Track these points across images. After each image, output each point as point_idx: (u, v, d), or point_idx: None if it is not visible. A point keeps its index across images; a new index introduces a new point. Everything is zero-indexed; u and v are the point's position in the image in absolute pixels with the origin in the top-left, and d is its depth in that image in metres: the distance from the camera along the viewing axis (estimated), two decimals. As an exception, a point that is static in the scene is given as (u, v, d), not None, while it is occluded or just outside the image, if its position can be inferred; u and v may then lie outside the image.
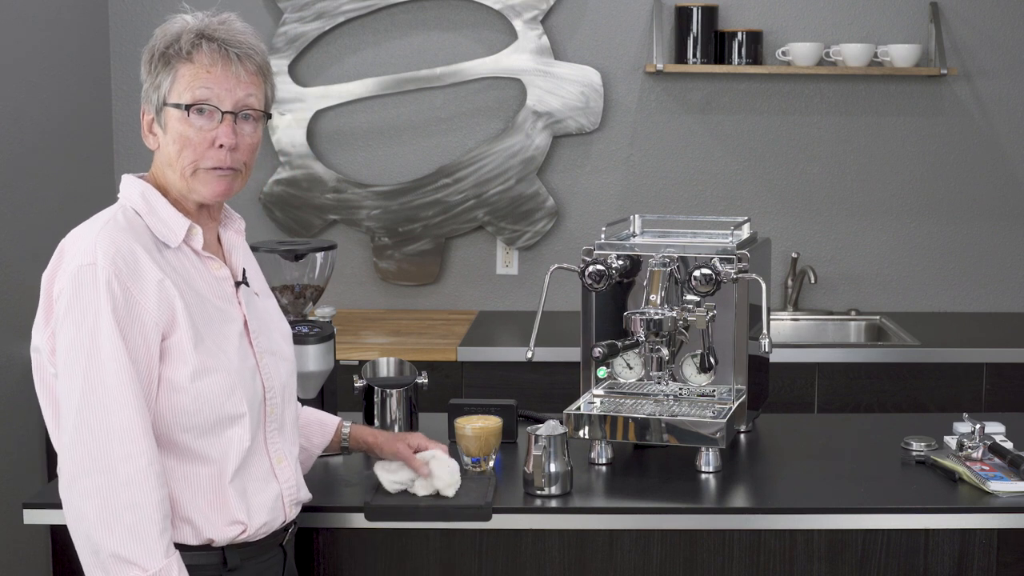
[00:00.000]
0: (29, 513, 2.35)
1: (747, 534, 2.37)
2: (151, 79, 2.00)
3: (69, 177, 4.02)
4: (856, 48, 4.17)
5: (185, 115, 1.97)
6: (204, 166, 1.99)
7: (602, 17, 4.33)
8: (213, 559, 2.00)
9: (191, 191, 2.01)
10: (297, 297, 2.80)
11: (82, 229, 1.98)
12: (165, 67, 1.98)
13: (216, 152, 1.99)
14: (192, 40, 1.97)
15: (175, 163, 1.99)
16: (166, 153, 2.00)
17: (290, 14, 4.29)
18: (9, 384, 3.65)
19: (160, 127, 2.00)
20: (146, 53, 2.01)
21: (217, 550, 2.01)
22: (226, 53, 1.98)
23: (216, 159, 1.99)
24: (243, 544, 2.03)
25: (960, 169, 4.38)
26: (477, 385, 3.79)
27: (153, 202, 2.00)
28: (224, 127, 1.98)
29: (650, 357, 2.57)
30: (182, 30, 1.99)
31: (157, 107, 2.00)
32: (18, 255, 3.69)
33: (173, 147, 1.99)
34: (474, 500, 2.31)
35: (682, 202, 4.39)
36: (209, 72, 1.97)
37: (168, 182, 2.02)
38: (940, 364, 3.79)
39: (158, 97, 1.99)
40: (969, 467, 2.46)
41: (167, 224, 2.00)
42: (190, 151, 1.98)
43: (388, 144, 4.41)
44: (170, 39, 1.99)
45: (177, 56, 1.98)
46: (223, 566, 2.01)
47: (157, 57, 1.99)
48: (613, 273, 2.66)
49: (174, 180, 2.01)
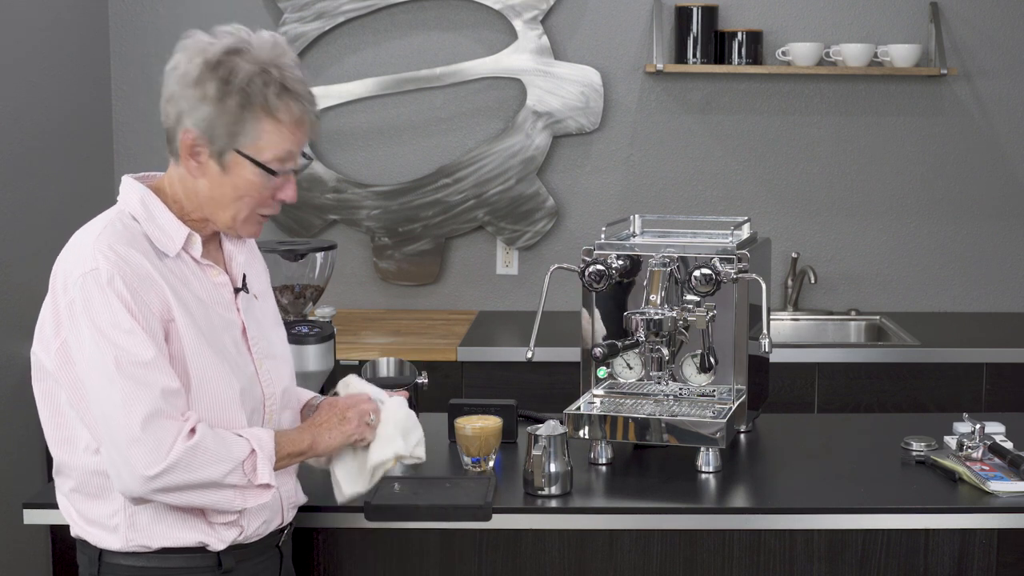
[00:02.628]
0: (29, 513, 2.35)
1: (747, 534, 2.37)
2: (225, 119, 1.91)
3: (69, 177, 4.02)
4: (856, 48, 4.17)
5: (262, 172, 1.95)
6: (261, 213, 2.00)
7: (602, 17, 4.33)
8: (208, 561, 2.01)
9: (232, 230, 2.01)
10: (297, 297, 2.80)
11: (79, 238, 1.96)
12: (246, 111, 1.91)
13: (275, 204, 2.01)
14: (279, 95, 1.92)
15: (228, 206, 1.97)
16: (217, 191, 1.96)
17: (290, 14, 4.29)
18: (9, 384, 3.65)
19: (218, 164, 1.94)
20: (213, 81, 1.91)
21: (212, 553, 2.01)
22: (307, 114, 1.96)
23: (273, 209, 2.02)
24: (239, 546, 2.03)
25: (960, 169, 4.38)
26: (477, 385, 3.79)
27: (152, 209, 1.98)
28: (291, 184, 2.00)
29: (650, 357, 2.57)
30: (261, 68, 1.92)
31: (223, 146, 1.93)
32: (18, 255, 3.69)
33: (231, 191, 1.96)
34: (474, 500, 2.31)
35: (682, 202, 4.39)
36: (293, 135, 1.95)
37: (191, 205, 1.99)
38: (940, 364, 3.79)
39: (230, 141, 1.92)
40: (969, 467, 2.46)
41: (165, 232, 1.98)
42: (252, 201, 1.97)
43: (388, 144, 4.41)
44: (248, 78, 1.90)
45: (262, 106, 1.91)
46: (218, 568, 2.01)
47: (237, 99, 1.91)
48: (613, 273, 2.66)
49: (216, 214, 1.98)
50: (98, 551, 2.00)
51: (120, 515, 1.98)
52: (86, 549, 2.03)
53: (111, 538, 1.99)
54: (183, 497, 1.90)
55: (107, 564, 2.00)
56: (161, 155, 2.07)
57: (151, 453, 1.84)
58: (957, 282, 4.43)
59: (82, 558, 2.05)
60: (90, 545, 2.02)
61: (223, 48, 1.93)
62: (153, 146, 4.29)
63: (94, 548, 2.01)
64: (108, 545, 1.99)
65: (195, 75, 1.92)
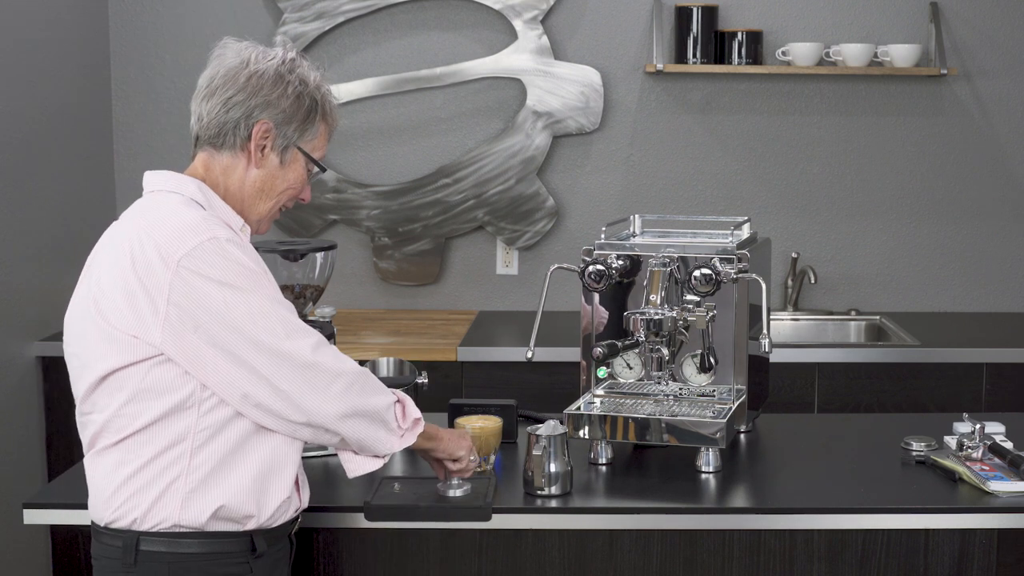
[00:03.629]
0: (29, 513, 2.35)
1: (747, 534, 2.37)
2: (299, 118, 2.11)
3: (69, 177, 4.02)
4: (856, 48, 4.17)
5: (309, 167, 2.16)
6: (281, 205, 2.18)
7: (602, 17, 4.33)
8: (243, 545, 2.04)
9: (261, 220, 2.16)
10: (297, 297, 2.80)
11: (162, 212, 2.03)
12: (319, 117, 2.15)
13: (294, 198, 2.20)
14: (332, 103, 2.18)
15: (272, 196, 2.14)
16: (269, 182, 2.13)
17: (290, 14, 4.29)
18: (9, 384, 3.65)
19: (278, 157, 2.12)
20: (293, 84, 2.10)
21: (246, 535, 2.03)
22: (337, 124, 2.23)
23: (290, 204, 2.20)
24: (265, 531, 2.06)
25: (960, 169, 4.38)
26: (477, 385, 3.79)
27: (211, 198, 2.09)
28: (309, 186, 2.21)
29: (650, 357, 2.57)
30: (323, 80, 2.18)
31: (289, 141, 2.12)
32: (18, 255, 3.69)
33: (281, 183, 2.14)
34: (474, 500, 2.31)
35: (682, 202, 4.39)
36: (328, 140, 2.21)
37: (231, 194, 2.12)
38: (940, 364, 3.79)
39: (298, 137, 2.12)
40: (969, 467, 2.46)
41: (224, 217, 2.09)
42: (291, 193, 2.17)
43: (388, 144, 4.41)
44: (315, 85, 2.15)
45: (324, 112, 2.16)
46: (251, 552, 2.04)
47: (310, 102, 2.12)
48: (613, 273, 2.66)
49: (255, 204, 2.13)
50: (135, 536, 1.99)
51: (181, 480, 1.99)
52: (118, 537, 2.01)
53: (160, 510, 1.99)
54: (355, 426, 2.08)
55: (144, 552, 1.99)
56: (161, 155, 2.10)
57: (330, 376, 2.03)
58: (957, 282, 4.43)
59: (107, 549, 2.03)
60: (126, 531, 2.00)
61: (287, 55, 2.15)
62: (153, 146, 4.29)
63: (131, 533, 1.99)
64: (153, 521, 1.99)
65: (272, 74, 2.10)
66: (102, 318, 1.98)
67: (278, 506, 2.06)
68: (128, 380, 1.97)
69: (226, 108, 2.08)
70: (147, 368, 1.96)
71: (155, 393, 1.97)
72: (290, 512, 2.11)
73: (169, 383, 1.97)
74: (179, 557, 2.00)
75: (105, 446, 2.02)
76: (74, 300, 2.07)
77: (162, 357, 1.96)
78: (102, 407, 2.01)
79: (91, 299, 2.00)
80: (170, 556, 2.00)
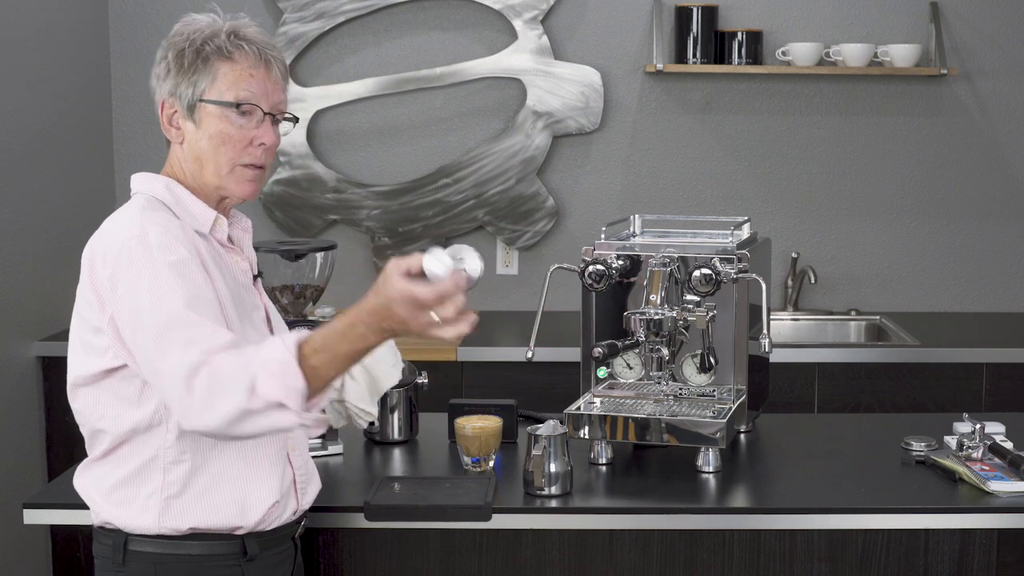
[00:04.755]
0: (29, 513, 2.35)
1: (747, 534, 2.37)
2: (184, 75, 2.02)
3: (69, 177, 4.02)
4: (856, 48, 4.17)
5: (228, 113, 2.02)
6: (241, 163, 2.04)
7: (602, 17, 4.33)
8: (234, 548, 2.03)
9: (222, 188, 2.05)
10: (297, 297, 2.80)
11: (118, 217, 2.00)
12: (204, 64, 2.02)
13: (254, 150, 2.05)
14: (231, 40, 2.03)
15: (209, 159, 2.03)
16: (196, 148, 2.04)
17: (290, 14, 4.29)
18: (9, 384, 3.65)
19: (192, 122, 2.03)
20: (171, 49, 2.04)
21: (237, 538, 2.03)
22: (264, 57, 2.05)
23: (253, 156, 2.05)
24: (259, 534, 2.05)
25: (960, 169, 4.38)
26: (477, 385, 3.79)
27: (179, 194, 2.05)
28: (265, 127, 2.05)
29: (650, 357, 2.57)
30: (215, 29, 2.04)
31: (190, 102, 2.02)
32: (18, 255, 3.69)
33: (208, 143, 2.03)
34: (474, 500, 2.31)
35: (682, 202, 4.39)
36: (252, 75, 2.03)
37: (191, 177, 2.06)
38: (940, 364, 3.79)
39: (193, 93, 2.02)
40: (969, 467, 2.46)
41: (193, 215, 2.04)
42: (229, 148, 2.03)
43: (388, 144, 4.41)
44: (205, 36, 2.02)
45: (217, 54, 2.02)
46: (243, 555, 2.04)
47: (191, 53, 2.02)
48: (613, 273, 2.66)
49: (203, 175, 2.05)
50: (124, 536, 2.01)
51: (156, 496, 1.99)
52: (109, 536, 2.03)
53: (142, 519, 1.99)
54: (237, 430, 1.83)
55: (132, 552, 2.00)
56: (161, 155, 2.11)
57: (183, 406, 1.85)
58: (957, 282, 4.43)
59: (102, 548, 2.05)
60: (116, 531, 2.01)
61: (179, 25, 2.08)
62: (153, 146, 4.29)
63: (120, 533, 2.01)
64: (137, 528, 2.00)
65: (158, 56, 2.07)
66: (76, 323, 2.02)
67: (265, 512, 2.05)
68: (96, 390, 2.00)
69: (156, 108, 2.08)
70: (115, 380, 1.98)
71: (124, 406, 1.99)
72: (286, 515, 2.10)
73: (134, 396, 1.98)
74: (166, 558, 2.00)
75: (94, 458, 2.06)
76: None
77: (123, 369, 1.96)
78: (81, 411, 2.04)
79: (75, 312, 2.03)
80: (157, 557, 2.01)
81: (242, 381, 1.80)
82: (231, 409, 1.81)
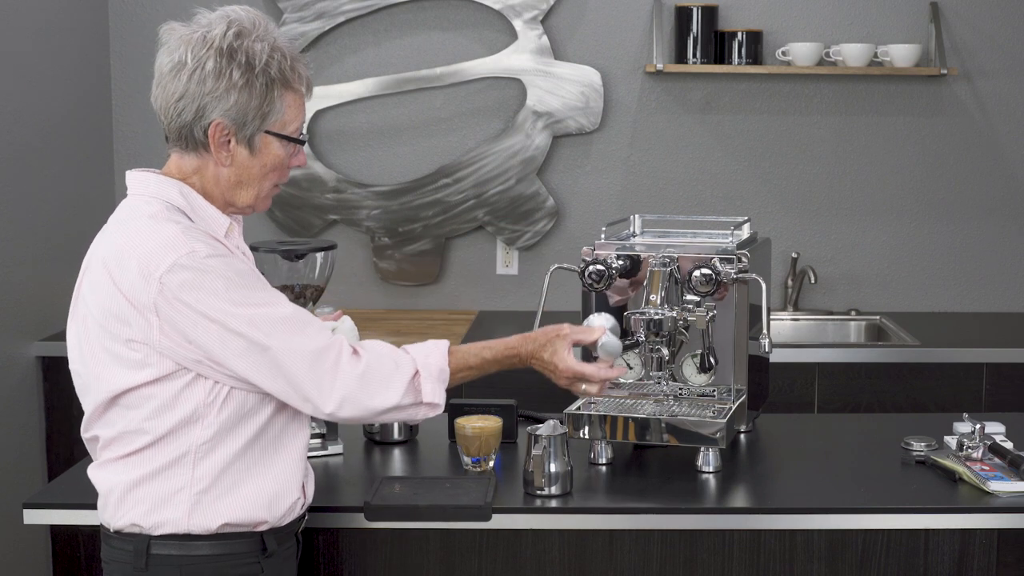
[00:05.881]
0: (29, 513, 2.35)
1: (747, 534, 2.37)
2: (254, 101, 1.97)
3: (69, 177, 4.02)
4: (856, 48, 4.17)
5: (289, 145, 2.03)
6: (277, 183, 2.08)
7: (602, 17, 4.33)
8: (254, 545, 2.04)
9: (250, 208, 2.06)
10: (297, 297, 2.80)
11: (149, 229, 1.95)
12: (271, 91, 1.98)
13: (288, 172, 2.09)
14: (291, 64, 2.00)
15: (254, 184, 2.03)
16: (245, 173, 2.02)
17: (290, 14, 4.29)
18: (9, 384, 3.65)
19: (246, 148, 2.00)
20: (237, 67, 1.95)
21: (257, 535, 2.03)
22: (309, 82, 2.06)
23: (286, 178, 2.10)
24: (276, 530, 2.06)
25: (960, 169, 4.38)
26: (477, 385, 3.76)
27: (193, 200, 2.02)
28: (301, 152, 2.08)
29: (650, 357, 2.57)
30: (272, 45, 1.98)
31: (253, 130, 1.98)
32: (18, 255, 3.69)
33: (260, 170, 2.02)
34: (474, 500, 2.31)
35: (682, 202, 4.39)
36: (304, 105, 2.05)
37: (217, 190, 2.03)
38: (940, 364, 3.79)
39: (261, 124, 1.99)
40: (969, 467, 2.46)
41: (208, 222, 2.02)
42: (277, 174, 2.06)
43: (388, 144, 4.41)
44: (267, 56, 1.96)
45: (283, 83, 1.99)
46: (262, 552, 2.04)
47: (263, 80, 1.96)
48: (613, 273, 2.65)
49: (236, 195, 2.03)
50: (147, 540, 1.99)
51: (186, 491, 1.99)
52: (129, 541, 2.01)
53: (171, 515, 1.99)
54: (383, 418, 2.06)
55: (155, 556, 1.99)
56: (161, 155, 2.07)
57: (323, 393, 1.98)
58: (957, 282, 4.43)
59: (118, 553, 2.03)
60: (137, 535, 2.00)
61: (226, 34, 1.96)
62: (153, 146, 4.29)
63: (142, 537, 2.00)
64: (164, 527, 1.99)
65: (212, 67, 1.95)
66: (98, 340, 1.97)
67: (291, 505, 2.08)
68: (135, 399, 1.97)
69: (177, 110, 1.97)
70: (155, 388, 1.96)
71: (161, 410, 1.97)
72: (297, 510, 2.11)
73: (172, 400, 1.96)
74: (191, 560, 2.00)
75: (112, 458, 2.02)
76: (71, 315, 2.05)
77: (168, 376, 1.95)
78: (110, 423, 2.01)
79: (86, 319, 1.99)
80: (181, 559, 2.00)
81: (403, 379, 2.04)
82: (390, 402, 2.03)
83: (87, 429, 2.04)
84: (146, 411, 1.97)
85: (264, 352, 1.94)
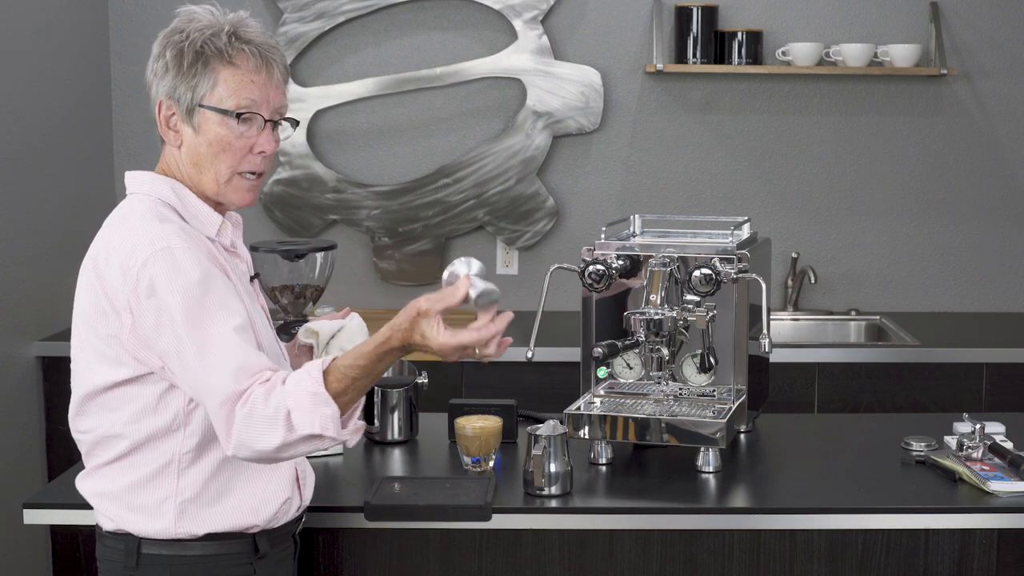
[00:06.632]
0: (29, 513, 2.35)
1: (747, 534, 2.37)
2: (183, 77, 1.97)
3: (69, 177, 4.02)
4: (856, 48, 4.17)
5: (228, 121, 1.98)
6: (241, 170, 2.01)
7: (602, 17, 4.33)
8: (246, 546, 2.04)
9: (220, 196, 2.03)
10: (297, 297, 2.80)
11: (131, 224, 1.96)
12: (204, 67, 1.97)
13: (254, 158, 2.02)
14: (232, 42, 1.97)
15: (208, 166, 2.00)
16: (195, 154, 2.01)
17: (290, 14, 4.29)
18: (9, 384, 3.65)
19: (189, 126, 1.99)
20: (169, 46, 1.98)
21: (249, 536, 2.03)
22: (266, 59, 2.00)
23: (253, 164, 2.02)
24: (269, 531, 2.06)
25: (960, 169, 4.38)
26: (477, 385, 3.79)
27: (185, 198, 2.02)
28: (265, 135, 2.01)
29: (650, 357, 2.57)
30: (216, 28, 1.98)
31: (188, 106, 1.98)
32: (18, 255, 3.69)
33: (207, 150, 1.99)
34: (474, 500, 2.31)
35: (682, 202, 4.39)
36: (253, 81, 1.99)
37: (190, 180, 2.03)
38: (940, 364, 3.79)
39: (192, 97, 1.98)
40: (969, 467, 2.46)
41: (200, 220, 2.02)
42: (229, 156, 2.00)
43: (388, 144, 4.41)
44: (205, 36, 1.96)
45: (218, 57, 1.97)
46: (254, 553, 2.04)
47: (191, 54, 1.96)
48: (613, 273, 2.65)
49: (201, 181, 2.02)
50: (137, 541, 2.00)
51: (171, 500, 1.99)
52: (121, 541, 2.02)
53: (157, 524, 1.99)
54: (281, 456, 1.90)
55: (146, 555, 2.00)
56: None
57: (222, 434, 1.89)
58: (957, 282, 4.43)
59: (111, 552, 2.04)
60: (128, 535, 2.01)
61: (176, 23, 2.01)
62: (153, 146, 4.26)
63: (133, 538, 2.00)
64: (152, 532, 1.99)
65: (156, 51, 2.00)
66: (85, 335, 1.99)
67: (277, 509, 2.07)
68: (114, 400, 1.98)
69: (151, 105, 2.02)
70: (135, 386, 1.96)
71: (140, 415, 1.97)
72: (291, 512, 2.11)
73: (153, 403, 1.97)
74: (181, 560, 2.00)
75: (97, 465, 2.04)
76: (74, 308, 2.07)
77: (142, 377, 1.95)
78: (92, 425, 2.01)
79: (79, 315, 2.01)
80: (171, 559, 2.00)
81: (278, 418, 1.84)
82: (273, 444, 1.85)
83: (72, 425, 2.06)
84: (126, 415, 1.97)
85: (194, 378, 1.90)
